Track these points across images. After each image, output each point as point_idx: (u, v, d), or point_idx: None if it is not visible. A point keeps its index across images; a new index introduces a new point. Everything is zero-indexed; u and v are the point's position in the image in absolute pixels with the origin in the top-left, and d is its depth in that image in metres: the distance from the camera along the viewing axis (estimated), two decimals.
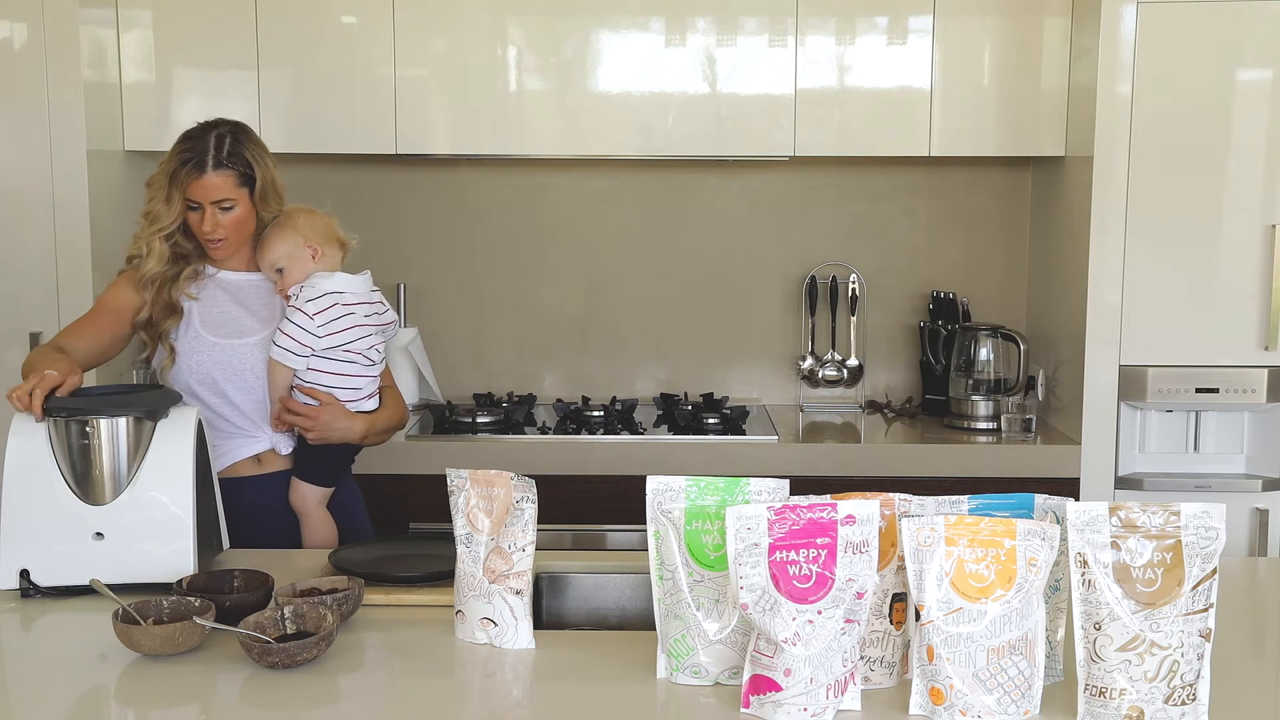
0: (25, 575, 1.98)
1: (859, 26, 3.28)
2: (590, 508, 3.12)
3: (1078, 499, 1.93)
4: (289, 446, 2.45)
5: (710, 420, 3.36)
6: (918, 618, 1.53)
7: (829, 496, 1.57)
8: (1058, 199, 3.39)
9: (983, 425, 3.35)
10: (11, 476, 2.00)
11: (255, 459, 2.43)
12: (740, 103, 3.31)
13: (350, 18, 3.28)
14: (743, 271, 3.72)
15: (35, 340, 3.02)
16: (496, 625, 1.77)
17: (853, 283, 3.66)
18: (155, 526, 2.01)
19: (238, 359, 2.40)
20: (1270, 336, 3.06)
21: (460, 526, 1.82)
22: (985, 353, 3.40)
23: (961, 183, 3.68)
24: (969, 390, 3.40)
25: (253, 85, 3.26)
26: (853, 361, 3.68)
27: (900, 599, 1.62)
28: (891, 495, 1.63)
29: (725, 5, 3.27)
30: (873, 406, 3.68)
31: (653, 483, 1.65)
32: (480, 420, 3.36)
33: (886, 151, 3.38)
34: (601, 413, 3.47)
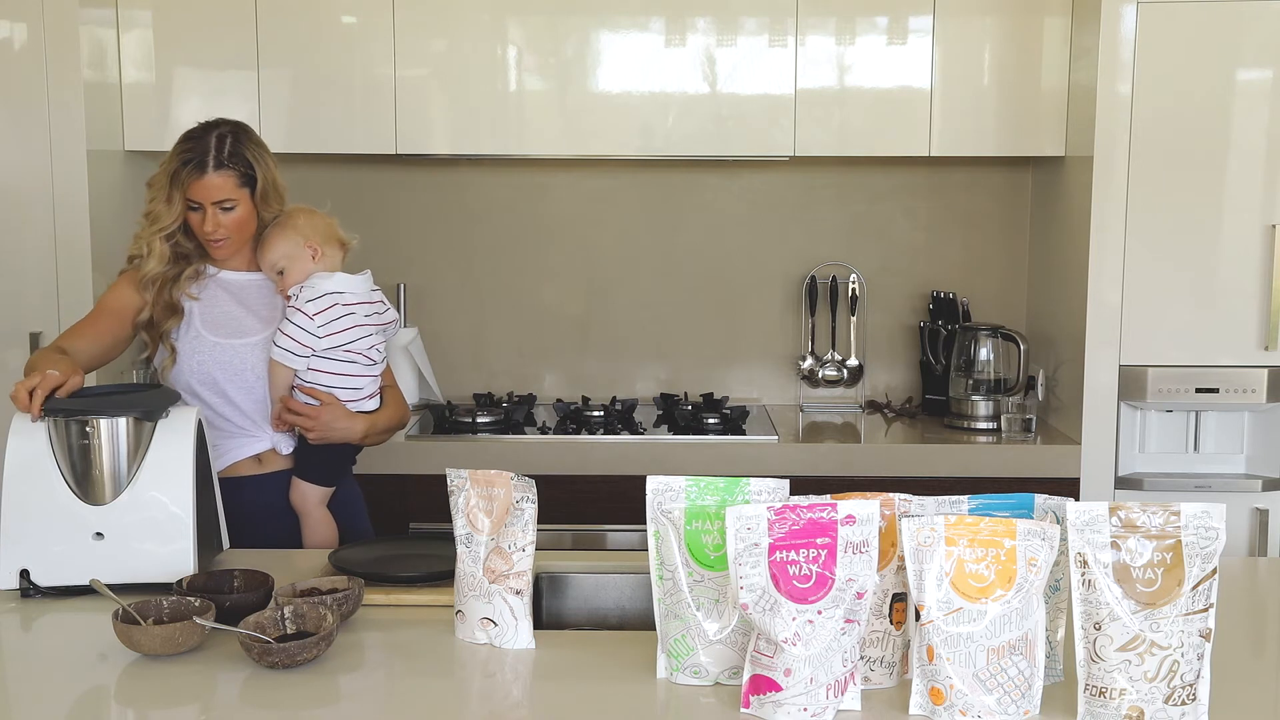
0: (25, 575, 1.98)
1: (859, 26, 3.28)
2: (590, 508, 3.12)
3: (1078, 499, 1.93)
4: (290, 446, 2.45)
5: (710, 420, 3.36)
6: (918, 618, 1.53)
7: (829, 496, 1.57)
8: (1058, 199, 3.39)
9: (983, 425, 3.35)
10: (11, 476, 2.00)
11: (256, 459, 2.43)
12: (740, 103, 3.31)
13: (350, 18, 3.28)
14: (743, 271, 3.72)
15: (35, 340, 3.02)
16: (496, 625, 1.77)
17: (853, 283, 3.66)
18: (155, 526, 2.01)
19: (239, 359, 2.40)
20: (1270, 336, 3.06)
21: (460, 526, 1.82)
22: (985, 353, 3.40)
23: (961, 183, 3.68)
24: (969, 390, 3.40)
25: (253, 85, 3.26)
26: (853, 361, 3.68)
27: (900, 599, 1.62)
28: (891, 495, 1.63)
29: (725, 5, 3.27)
30: (873, 406, 3.68)
31: (653, 483, 1.65)
32: (480, 420, 3.36)
33: (886, 151, 3.39)
34: (601, 413, 3.47)
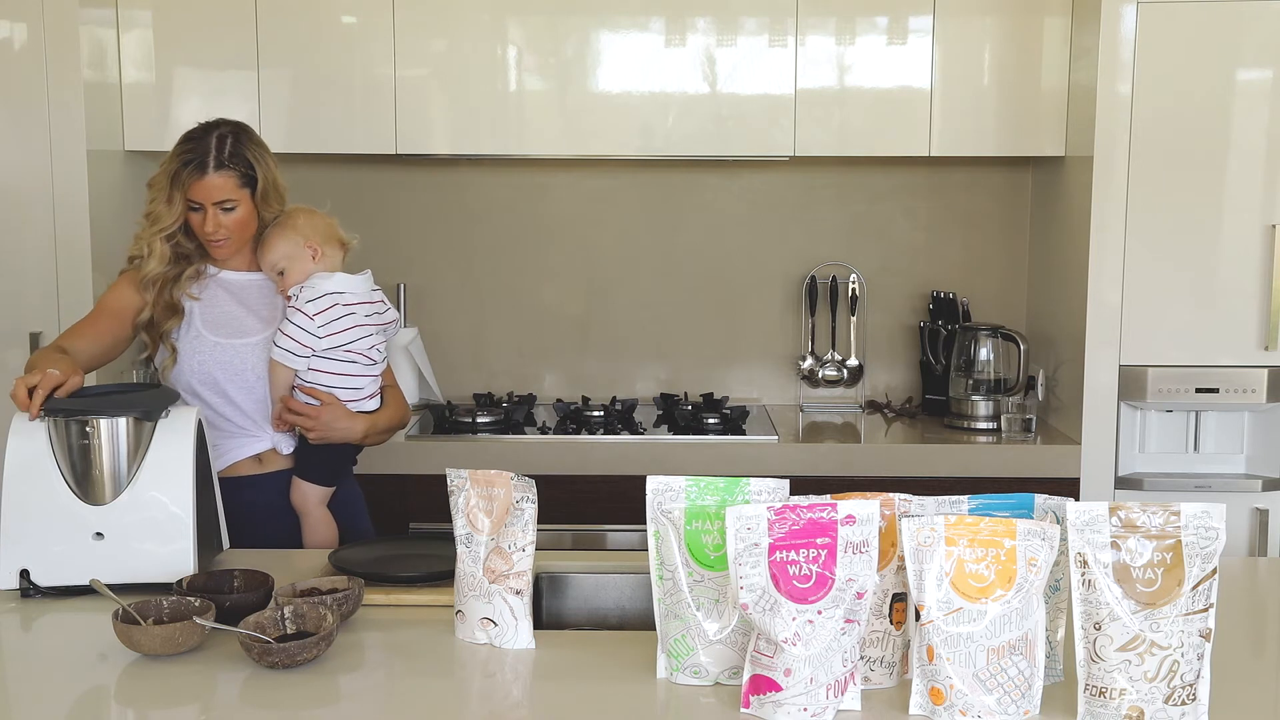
0: (25, 575, 1.98)
1: (859, 26, 3.28)
2: (590, 508, 3.12)
3: (1078, 499, 1.93)
4: (290, 446, 2.45)
5: (710, 420, 3.36)
6: (918, 618, 1.53)
7: (829, 496, 1.57)
8: (1058, 199, 3.39)
9: (983, 425, 3.35)
10: (11, 476, 2.00)
11: (256, 458, 2.43)
12: (740, 103, 3.31)
13: (350, 18, 3.28)
14: (743, 271, 3.72)
15: (35, 340, 3.02)
16: (496, 625, 1.77)
17: (853, 283, 3.66)
18: (155, 526, 2.01)
19: (239, 359, 2.40)
20: (1270, 336, 3.06)
21: (460, 526, 1.82)
22: (985, 353, 3.40)
23: (961, 183, 3.68)
24: (969, 390, 3.40)
25: (253, 85, 3.26)
26: (853, 361, 3.68)
27: (900, 599, 1.62)
28: (891, 495, 1.63)
29: (725, 5, 3.27)
30: (873, 406, 3.68)
31: (653, 483, 1.65)
32: (480, 420, 3.36)
33: (886, 151, 3.38)
34: (601, 413, 3.47)
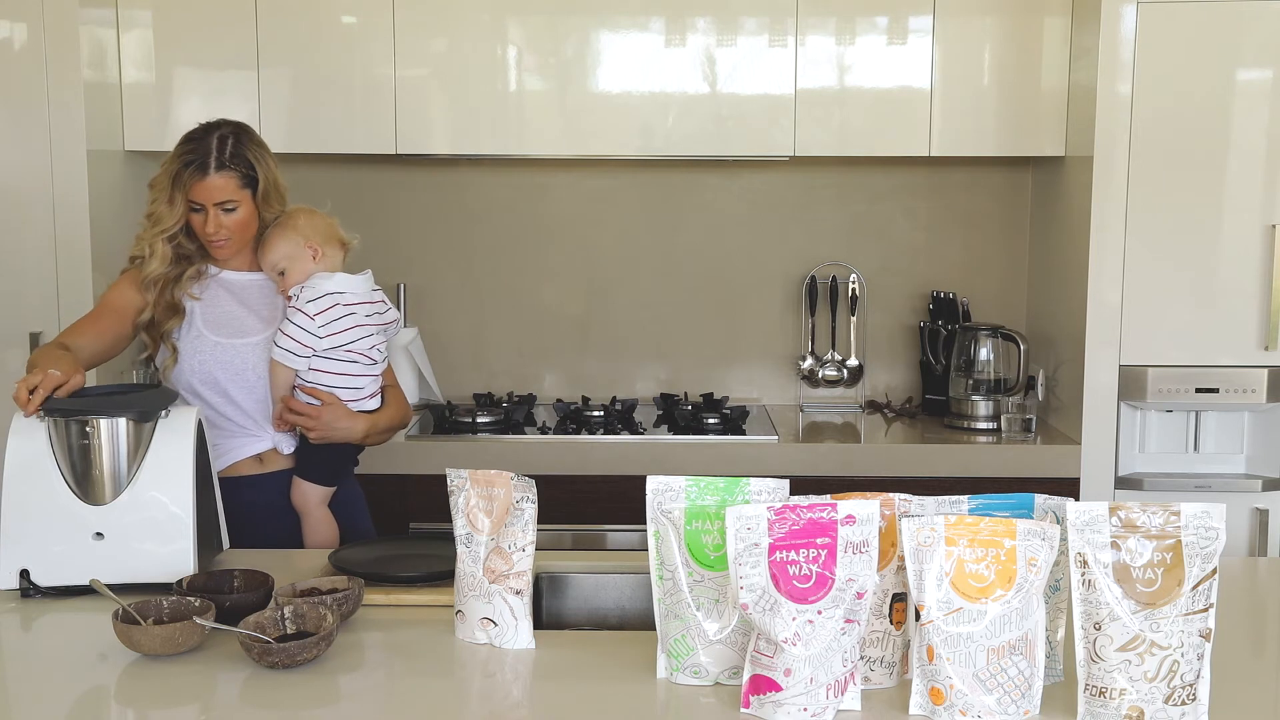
0: (25, 575, 1.98)
1: (859, 26, 3.28)
2: (590, 508, 3.12)
3: (1078, 499, 1.93)
4: (291, 446, 2.45)
5: (710, 420, 3.36)
6: (918, 618, 1.53)
7: (829, 496, 1.57)
8: (1058, 199, 3.39)
9: (983, 425, 3.35)
10: (11, 476, 2.00)
11: (257, 458, 2.43)
12: (740, 103, 3.31)
13: (350, 18, 3.28)
14: (743, 271, 3.72)
15: (35, 340, 3.02)
16: (496, 625, 1.77)
17: (853, 283, 3.66)
18: (155, 526, 2.01)
19: (240, 358, 2.40)
20: (1270, 336, 3.06)
21: (460, 526, 1.82)
22: (985, 353, 3.40)
23: (961, 183, 3.68)
24: (969, 390, 3.40)
25: (253, 85, 3.26)
26: (853, 361, 3.68)
27: (900, 599, 1.62)
28: (891, 495, 1.63)
29: (725, 5, 3.27)
30: (873, 406, 3.68)
31: (653, 483, 1.65)
32: (480, 420, 3.36)
33: (886, 151, 3.38)
34: (601, 413, 3.47)
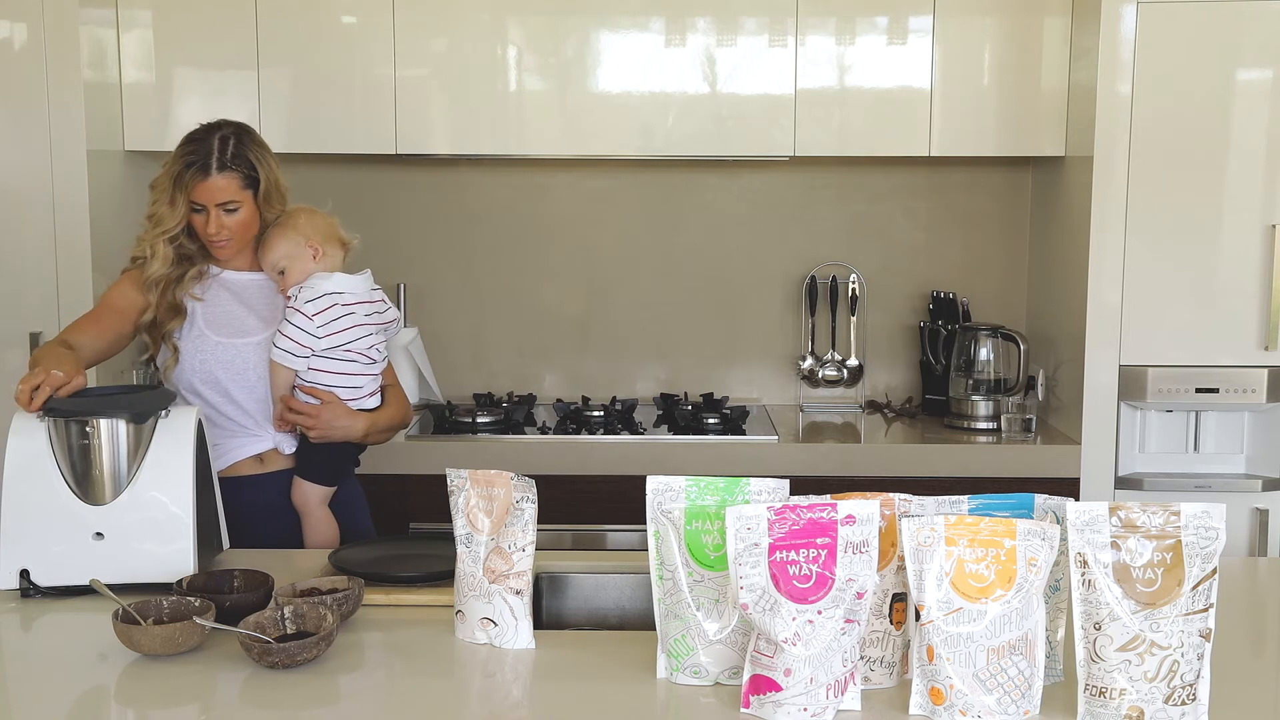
0: (25, 575, 1.98)
1: (859, 26, 3.28)
2: (590, 508, 3.12)
3: (1078, 499, 1.93)
4: (292, 446, 2.45)
5: (710, 420, 3.36)
6: (918, 618, 1.53)
7: (829, 496, 1.57)
8: (1058, 199, 3.39)
9: (983, 425, 3.35)
10: (11, 476, 2.00)
11: (258, 458, 2.44)
12: (740, 103, 3.31)
13: (350, 18, 3.28)
14: (743, 271, 3.72)
15: (35, 340, 3.02)
16: (496, 625, 1.77)
17: (853, 283, 3.66)
18: (155, 526, 2.01)
19: (241, 358, 2.40)
20: (1270, 336, 3.06)
21: (460, 526, 1.82)
22: (985, 353, 3.40)
23: (961, 183, 3.68)
24: (969, 390, 3.39)
25: (253, 85, 3.26)
26: (853, 361, 3.68)
27: (900, 599, 1.62)
28: (891, 495, 1.63)
29: (725, 5, 3.27)
30: (873, 406, 3.68)
31: (653, 483, 1.65)
32: (480, 420, 3.36)
33: (886, 151, 3.38)
34: (601, 413, 3.47)
